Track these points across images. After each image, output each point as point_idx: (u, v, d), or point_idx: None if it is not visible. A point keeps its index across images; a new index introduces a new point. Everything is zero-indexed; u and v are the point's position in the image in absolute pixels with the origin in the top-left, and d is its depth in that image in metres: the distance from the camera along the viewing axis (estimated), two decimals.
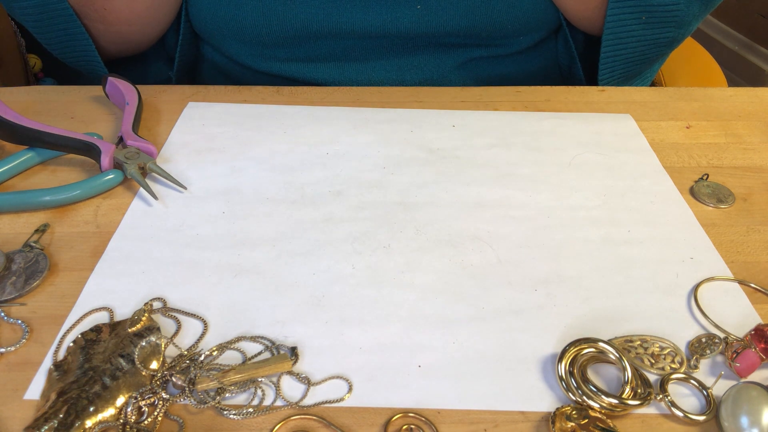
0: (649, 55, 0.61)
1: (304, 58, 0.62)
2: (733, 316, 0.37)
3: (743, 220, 0.44)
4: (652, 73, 0.69)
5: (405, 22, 0.59)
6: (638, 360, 0.34)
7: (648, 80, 0.69)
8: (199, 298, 0.37)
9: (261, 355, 0.34)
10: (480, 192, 0.46)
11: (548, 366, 0.34)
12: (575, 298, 0.38)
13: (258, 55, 0.63)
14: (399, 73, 0.63)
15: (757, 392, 0.30)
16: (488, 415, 0.31)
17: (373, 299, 0.37)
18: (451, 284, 0.38)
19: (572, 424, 0.30)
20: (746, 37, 1.85)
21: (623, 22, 0.58)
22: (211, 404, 0.31)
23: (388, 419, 0.31)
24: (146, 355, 0.33)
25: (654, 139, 0.53)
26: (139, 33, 0.62)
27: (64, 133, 0.46)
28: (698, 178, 0.48)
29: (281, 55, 0.62)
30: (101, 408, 0.30)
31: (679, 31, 0.59)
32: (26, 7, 0.56)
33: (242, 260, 0.40)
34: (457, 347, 0.35)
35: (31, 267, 0.38)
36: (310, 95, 0.58)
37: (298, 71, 0.63)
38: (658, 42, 0.60)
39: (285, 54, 0.62)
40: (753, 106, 0.58)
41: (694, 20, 0.59)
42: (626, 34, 0.59)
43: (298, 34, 0.59)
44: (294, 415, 0.31)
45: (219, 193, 0.45)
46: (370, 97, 0.58)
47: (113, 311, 0.36)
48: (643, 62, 0.62)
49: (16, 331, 0.35)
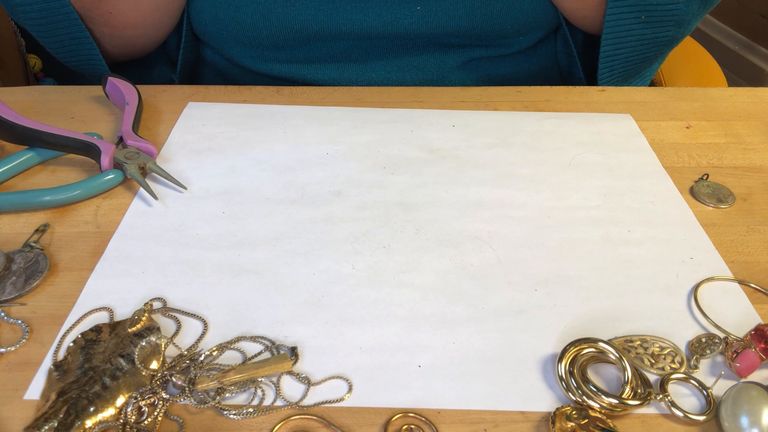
0: (649, 54, 0.61)
1: (304, 59, 0.62)
2: (733, 316, 0.37)
3: (743, 220, 0.44)
4: (652, 72, 0.69)
5: (405, 23, 0.59)
6: (638, 360, 0.34)
7: (648, 79, 0.69)
8: (199, 298, 0.37)
9: (261, 355, 0.34)
10: (480, 192, 0.46)
11: (548, 366, 0.34)
12: (575, 298, 0.38)
13: (258, 56, 0.63)
14: (399, 73, 0.63)
15: (757, 392, 0.30)
16: (488, 415, 0.31)
17: (373, 299, 0.37)
18: (451, 284, 0.38)
19: (572, 424, 0.30)
20: (746, 37, 1.85)
21: (622, 21, 0.58)
22: (211, 404, 0.31)
23: (388, 419, 0.31)
24: (146, 355, 0.33)
25: (654, 139, 0.53)
26: (144, 36, 0.62)
27: (64, 133, 0.46)
28: (698, 178, 0.48)
29: (281, 56, 0.62)
30: (101, 408, 0.30)
31: (679, 30, 0.59)
32: (30, 11, 0.56)
33: (242, 260, 0.40)
34: (457, 347, 0.35)
35: (31, 267, 0.38)
36: (310, 95, 0.58)
37: (298, 72, 0.63)
38: (658, 41, 0.60)
39: (285, 56, 0.62)
40: (753, 106, 0.58)
41: (694, 19, 0.59)
42: (625, 33, 0.59)
43: (297, 35, 0.60)
44: (294, 415, 0.31)
45: (219, 193, 0.45)
46: (370, 97, 0.58)
47: (113, 311, 0.36)
48: (643, 61, 0.62)
49: (16, 331, 0.35)
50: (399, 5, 0.58)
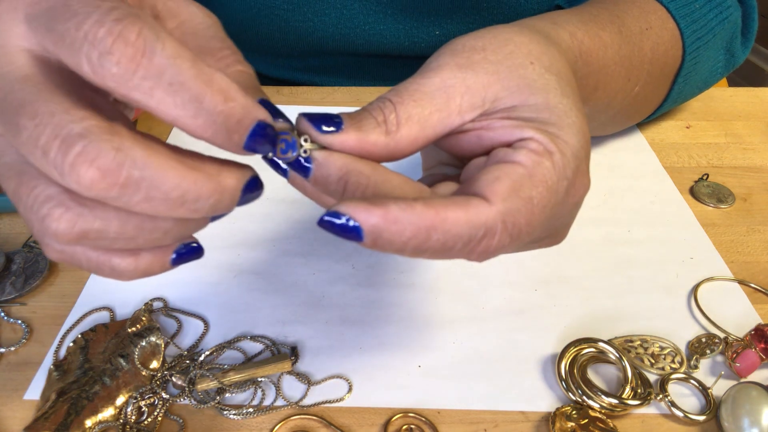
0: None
1: (318, 68, 0.62)
2: (733, 316, 0.37)
3: (743, 220, 0.44)
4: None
5: (423, 46, 0.58)
6: (638, 360, 0.34)
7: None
8: (199, 298, 0.37)
9: (261, 355, 0.34)
10: None
11: (548, 366, 0.34)
12: (575, 298, 0.38)
13: (272, 63, 0.62)
14: None
15: (757, 392, 0.30)
16: (488, 415, 0.31)
17: (373, 299, 0.37)
18: (451, 284, 0.38)
19: (572, 424, 0.30)
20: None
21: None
22: (211, 404, 0.31)
23: (388, 419, 0.31)
24: (146, 355, 0.33)
25: (654, 139, 0.53)
26: None
27: None
28: (698, 178, 0.48)
29: (296, 65, 0.62)
30: (101, 408, 0.30)
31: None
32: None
33: (242, 260, 0.40)
34: (457, 347, 0.35)
35: (31, 267, 0.38)
36: (310, 95, 0.58)
37: (311, 80, 0.63)
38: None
39: (300, 64, 0.62)
40: (753, 106, 0.58)
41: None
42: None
43: (313, 49, 0.59)
44: (294, 414, 0.31)
45: None
46: (369, 97, 0.58)
47: (113, 311, 0.36)
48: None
49: (16, 331, 0.35)
50: (418, 29, 0.57)
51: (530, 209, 0.22)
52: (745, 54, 0.52)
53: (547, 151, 0.23)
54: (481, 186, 0.22)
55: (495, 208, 0.22)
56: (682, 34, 0.44)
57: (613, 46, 0.37)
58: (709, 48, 0.47)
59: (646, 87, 0.43)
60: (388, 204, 0.21)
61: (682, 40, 0.44)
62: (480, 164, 0.24)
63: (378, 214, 0.20)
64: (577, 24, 0.33)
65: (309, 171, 0.23)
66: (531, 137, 0.23)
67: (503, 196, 0.22)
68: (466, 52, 0.25)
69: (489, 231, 0.22)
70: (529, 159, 0.23)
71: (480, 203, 0.22)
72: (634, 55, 0.39)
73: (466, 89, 0.24)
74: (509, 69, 0.25)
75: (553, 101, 0.24)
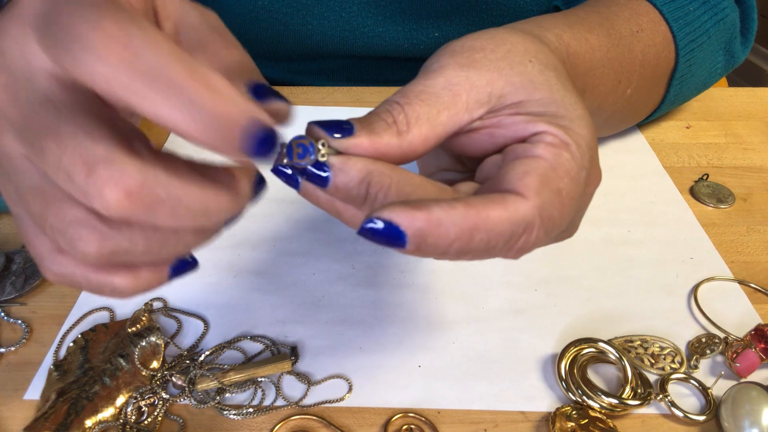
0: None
1: (317, 71, 0.62)
2: (733, 316, 0.37)
3: (743, 220, 0.44)
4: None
5: (421, 48, 0.58)
6: (638, 360, 0.34)
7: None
8: (199, 298, 0.37)
9: (261, 355, 0.34)
10: None
11: (548, 366, 0.34)
12: (575, 298, 0.38)
13: (271, 67, 0.62)
14: None
15: (757, 392, 0.30)
16: (488, 415, 0.31)
17: (373, 299, 0.37)
18: (451, 284, 0.38)
19: (572, 424, 0.30)
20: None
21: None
22: (211, 404, 0.31)
23: (388, 419, 0.31)
24: (146, 355, 0.33)
25: (654, 139, 0.53)
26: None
27: None
28: (698, 178, 0.48)
29: (295, 68, 0.62)
30: (101, 408, 0.30)
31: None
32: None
33: (242, 260, 0.40)
34: (457, 347, 0.35)
35: (31, 267, 0.38)
36: (310, 95, 0.58)
37: (310, 83, 0.63)
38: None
39: (299, 67, 0.62)
40: (753, 106, 0.58)
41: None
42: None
43: (313, 52, 0.59)
44: (294, 414, 0.31)
45: None
46: (370, 96, 0.58)
47: (113, 311, 0.36)
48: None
49: (16, 331, 0.35)
50: (417, 31, 0.57)
51: (561, 201, 0.22)
52: (745, 54, 0.52)
53: (564, 143, 0.23)
54: (511, 182, 0.22)
55: (531, 203, 0.21)
56: (675, 37, 0.44)
57: (601, 49, 0.36)
58: (704, 50, 0.47)
59: (639, 89, 0.43)
60: (431, 206, 0.20)
61: (675, 42, 0.44)
62: (497, 162, 0.24)
63: (421, 218, 0.20)
64: (563, 27, 0.33)
65: (327, 180, 0.22)
66: (545, 131, 0.23)
67: (536, 190, 0.22)
68: (466, 52, 0.25)
69: (528, 226, 0.22)
70: (548, 152, 0.23)
71: (517, 199, 0.21)
72: (624, 58, 0.39)
73: (471, 86, 0.24)
74: (510, 66, 0.25)
75: (557, 95, 0.24)
